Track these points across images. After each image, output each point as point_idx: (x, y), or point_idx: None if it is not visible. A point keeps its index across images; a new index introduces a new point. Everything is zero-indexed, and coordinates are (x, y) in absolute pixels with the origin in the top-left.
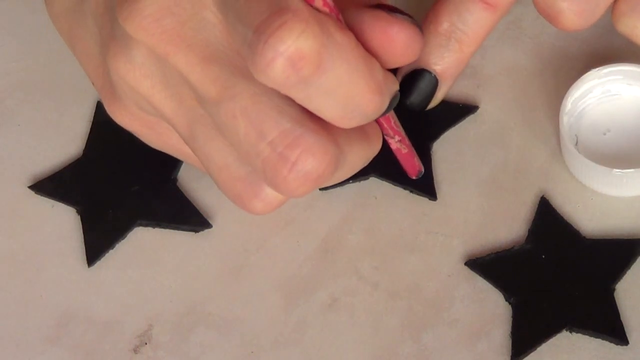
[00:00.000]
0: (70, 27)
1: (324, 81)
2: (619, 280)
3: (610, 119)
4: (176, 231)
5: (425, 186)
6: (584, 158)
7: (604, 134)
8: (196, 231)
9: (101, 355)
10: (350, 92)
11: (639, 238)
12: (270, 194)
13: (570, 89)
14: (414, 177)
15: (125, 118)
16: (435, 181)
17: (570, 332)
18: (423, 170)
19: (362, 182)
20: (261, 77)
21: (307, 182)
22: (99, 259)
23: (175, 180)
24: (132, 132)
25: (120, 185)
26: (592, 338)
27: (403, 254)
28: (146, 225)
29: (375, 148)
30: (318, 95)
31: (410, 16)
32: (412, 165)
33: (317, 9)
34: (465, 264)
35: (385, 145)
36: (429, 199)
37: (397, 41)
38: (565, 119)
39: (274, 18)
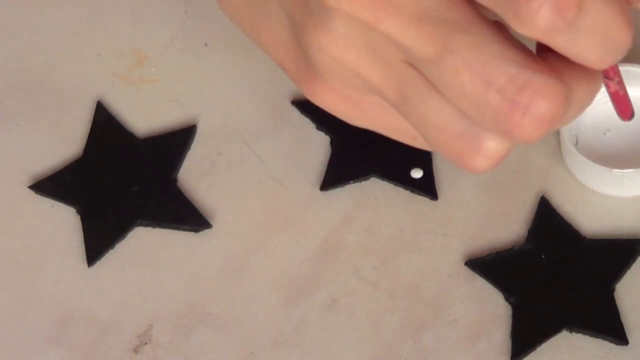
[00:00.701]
0: (251, 17)
1: (587, 21)
2: (619, 280)
3: (610, 119)
4: (176, 231)
5: (426, 186)
6: (584, 158)
7: (604, 133)
8: (196, 231)
9: (101, 355)
10: (610, 28)
11: (639, 238)
12: (492, 148)
13: None
14: (626, 120)
15: (327, 97)
16: (435, 181)
17: (570, 332)
18: (635, 114)
19: (362, 182)
20: (527, 28)
21: (543, 124)
22: (99, 259)
23: (175, 180)
24: (333, 112)
25: (120, 185)
26: (592, 338)
27: (403, 254)
28: (146, 225)
29: (598, 84)
30: (581, 37)
31: None
32: (627, 107)
33: None
34: (465, 264)
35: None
36: (430, 199)
37: None
38: None
39: None
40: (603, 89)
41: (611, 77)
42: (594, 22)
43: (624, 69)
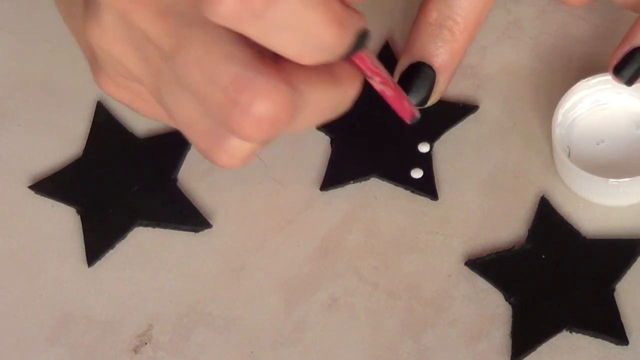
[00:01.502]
0: (66, 5)
1: (277, 14)
2: (619, 280)
3: (601, 128)
4: (176, 231)
5: (426, 186)
6: (579, 169)
7: (597, 144)
8: (196, 231)
9: (101, 355)
10: (305, 24)
11: (639, 238)
12: (235, 145)
13: (561, 100)
14: (408, 122)
15: (111, 88)
16: (435, 181)
17: (570, 332)
18: (418, 115)
19: (362, 182)
20: (213, 14)
21: (264, 125)
22: (99, 259)
23: (175, 180)
24: (122, 102)
25: (120, 185)
26: (592, 338)
27: (403, 254)
28: (146, 225)
29: (347, 90)
30: (273, 30)
31: None
32: (402, 108)
33: None
34: (465, 264)
35: (384, 143)
36: (430, 199)
37: None
38: (557, 131)
39: None
40: (588, 101)
41: (369, 76)
42: (286, 16)
43: (603, 78)
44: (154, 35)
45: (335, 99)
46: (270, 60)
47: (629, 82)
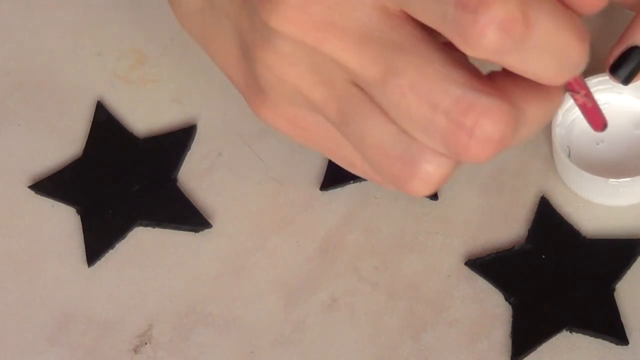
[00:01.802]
0: (203, 28)
1: (536, 39)
2: (619, 280)
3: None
4: (176, 231)
5: None
6: (579, 169)
7: (597, 144)
8: (196, 231)
9: (101, 355)
10: (561, 44)
11: (639, 238)
12: (430, 171)
13: None
14: (599, 130)
15: (270, 114)
16: None
17: (570, 332)
18: (607, 123)
19: (362, 182)
20: (475, 49)
21: (490, 145)
22: (99, 259)
23: (175, 180)
24: (277, 129)
25: (120, 185)
26: (592, 338)
27: (403, 254)
28: (146, 225)
29: (556, 102)
30: (532, 55)
31: None
32: (597, 118)
33: None
34: (465, 264)
35: None
36: (430, 199)
37: None
38: (557, 131)
39: None
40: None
41: (576, 90)
42: (544, 39)
43: (603, 78)
44: (355, 64)
45: (548, 112)
46: (487, 80)
47: (625, 81)
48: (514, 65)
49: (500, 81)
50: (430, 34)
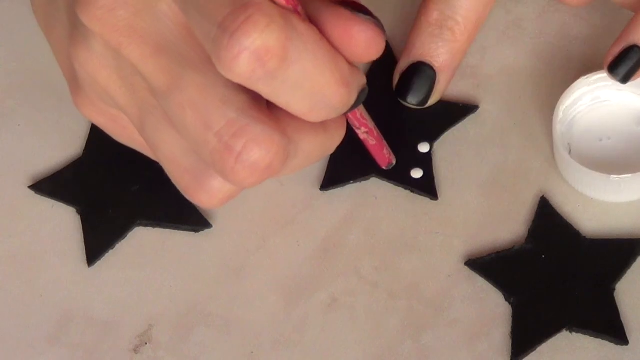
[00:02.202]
0: (46, 19)
1: (290, 74)
2: (619, 280)
3: (601, 125)
4: (176, 231)
5: (426, 186)
6: (580, 166)
7: (598, 141)
8: (196, 231)
9: (101, 355)
10: (316, 84)
11: (639, 238)
12: (215, 187)
13: (561, 97)
14: (384, 168)
15: (89, 110)
16: (435, 181)
17: (570, 332)
18: (394, 162)
19: (362, 182)
20: (227, 72)
21: (256, 171)
22: (99, 259)
23: None
24: (98, 125)
25: (120, 185)
26: (592, 338)
27: (403, 254)
28: (146, 225)
29: (334, 138)
30: (285, 89)
31: (373, 16)
32: (381, 156)
33: (277, 3)
34: (465, 264)
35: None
36: (430, 199)
37: (358, 40)
38: (558, 128)
39: (239, 12)
40: (589, 98)
41: (357, 126)
42: (298, 76)
43: (603, 75)
44: (148, 71)
45: (324, 146)
46: (264, 107)
47: (624, 79)
48: (265, 93)
49: (278, 111)
50: None
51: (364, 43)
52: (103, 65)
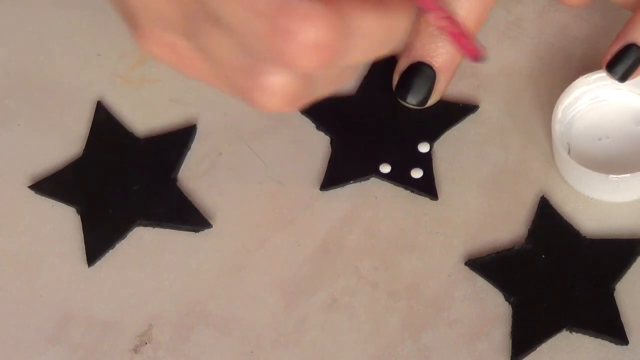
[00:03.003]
0: None
1: None
2: (619, 280)
3: (600, 124)
4: (176, 231)
5: (426, 186)
6: (579, 165)
7: (597, 140)
8: (196, 231)
9: (101, 355)
10: None
11: (639, 238)
12: (275, 81)
13: (560, 97)
14: (476, 61)
15: (149, 43)
16: (435, 181)
17: (570, 332)
18: (486, 55)
19: (362, 182)
20: None
21: (315, 50)
22: (99, 259)
23: (175, 180)
24: (159, 60)
25: (120, 185)
26: (592, 338)
27: (403, 254)
28: (146, 225)
29: (398, 19)
30: None
31: None
32: (467, 46)
33: None
34: (465, 264)
35: (384, 143)
36: (430, 199)
37: None
38: (557, 127)
39: None
40: (588, 97)
41: (427, 9)
42: None
43: (602, 74)
44: None
45: (386, 28)
46: None
47: (622, 78)
48: None
49: None
50: None
51: None
52: None
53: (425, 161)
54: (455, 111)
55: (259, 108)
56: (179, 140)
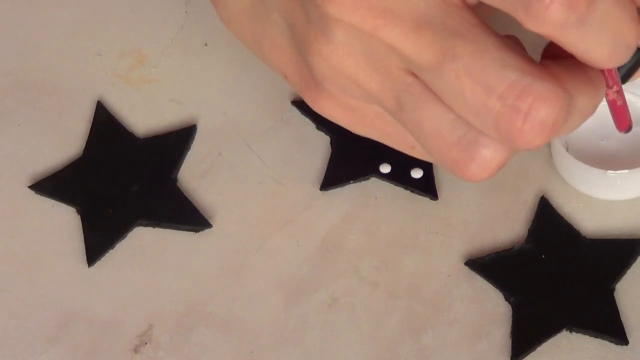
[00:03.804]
0: (252, 26)
1: (596, 16)
2: (619, 280)
3: (599, 125)
4: (176, 231)
5: (426, 186)
6: (577, 161)
7: (596, 140)
8: (196, 231)
9: (101, 355)
10: (619, 23)
11: (639, 238)
12: (487, 156)
13: None
14: (623, 131)
15: (328, 105)
16: (435, 181)
17: (570, 332)
18: (632, 126)
19: (362, 182)
20: (540, 24)
21: (544, 130)
22: (99, 259)
23: (175, 180)
24: (334, 120)
25: (120, 185)
26: (592, 338)
27: (403, 254)
28: (146, 225)
29: (600, 94)
30: (591, 32)
31: None
32: (624, 118)
33: None
34: (465, 264)
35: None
36: (430, 199)
37: None
38: None
39: None
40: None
41: (610, 85)
42: (604, 17)
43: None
44: (411, 49)
45: (595, 102)
46: (540, 66)
47: (623, 79)
48: (573, 40)
49: (552, 68)
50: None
51: None
52: (349, 54)
53: (425, 161)
54: None
55: (465, 178)
56: (179, 140)
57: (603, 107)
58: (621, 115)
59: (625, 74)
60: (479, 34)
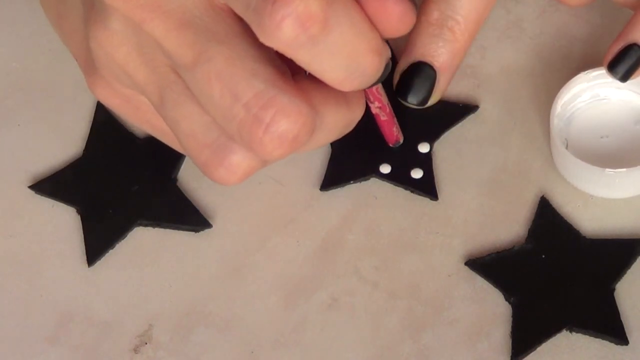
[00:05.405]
0: (57, 7)
1: (330, 40)
2: (619, 280)
3: (600, 123)
4: (176, 231)
5: (426, 186)
6: (576, 158)
7: (596, 138)
8: (196, 231)
9: (101, 355)
10: (353, 51)
11: (639, 238)
12: (235, 161)
13: (560, 92)
14: (391, 145)
15: (103, 91)
16: (435, 181)
17: (570, 332)
18: (401, 140)
19: (362, 182)
20: (270, 39)
21: (283, 143)
22: (99, 259)
23: (175, 180)
24: (111, 107)
25: (120, 185)
26: (592, 338)
27: (403, 254)
28: (146, 225)
29: (356, 112)
30: (324, 55)
31: None
32: (390, 133)
33: None
34: (465, 264)
35: (384, 143)
36: (430, 199)
37: (392, 13)
38: (555, 122)
39: None
40: (588, 94)
41: (371, 100)
42: (338, 42)
43: (603, 71)
44: (172, 46)
45: (346, 120)
46: (291, 80)
47: (623, 78)
48: (305, 60)
49: (304, 84)
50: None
51: (397, 16)
52: (122, 43)
53: (425, 161)
54: (455, 111)
55: (214, 180)
56: None
57: (602, 105)
58: (386, 129)
59: (626, 73)
60: (238, 42)
